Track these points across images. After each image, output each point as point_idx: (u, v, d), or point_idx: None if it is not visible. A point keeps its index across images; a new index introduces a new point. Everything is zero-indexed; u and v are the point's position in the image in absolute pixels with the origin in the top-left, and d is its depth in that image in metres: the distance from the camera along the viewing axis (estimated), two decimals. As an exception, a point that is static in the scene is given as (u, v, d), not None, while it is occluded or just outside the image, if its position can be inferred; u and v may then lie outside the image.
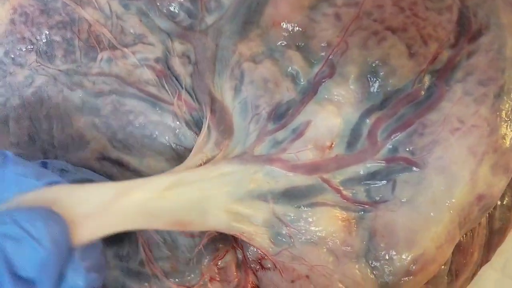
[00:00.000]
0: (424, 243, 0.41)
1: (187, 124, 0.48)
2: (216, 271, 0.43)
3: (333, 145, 0.44)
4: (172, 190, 0.38)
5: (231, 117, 0.46)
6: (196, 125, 0.48)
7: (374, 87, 0.45)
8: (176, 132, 0.47)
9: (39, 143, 0.46)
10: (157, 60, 0.49)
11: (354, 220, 0.43)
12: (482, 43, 0.44)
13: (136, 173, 0.46)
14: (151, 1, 0.50)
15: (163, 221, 0.37)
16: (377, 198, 0.43)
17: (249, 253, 0.44)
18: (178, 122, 0.47)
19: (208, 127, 0.46)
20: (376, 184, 0.43)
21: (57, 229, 0.32)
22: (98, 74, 0.48)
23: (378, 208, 0.43)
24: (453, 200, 0.41)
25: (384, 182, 0.43)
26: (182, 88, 0.49)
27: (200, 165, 0.43)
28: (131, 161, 0.46)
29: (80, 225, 0.33)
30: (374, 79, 0.44)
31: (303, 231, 0.43)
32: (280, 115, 0.46)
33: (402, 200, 0.42)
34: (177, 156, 0.47)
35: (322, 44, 0.45)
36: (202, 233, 0.45)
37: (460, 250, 0.45)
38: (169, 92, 0.48)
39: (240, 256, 0.45)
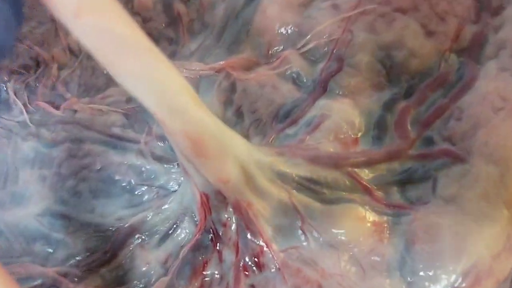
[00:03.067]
0: (476, 251, 0.34)
1: (154, 158, 0.42)
2: None
3: (357, 140, 0.39)
4: (204, 109, 0.32)
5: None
6: (164, 158, 0.42)
7: (393, 73, 0.41)
8: (142, 169, 0.42)
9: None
10: (128, 100, 0.44)
11: (386, 225, 0.36)
12: (507, 15, 0.40)
13: (84, 225, 0.40)
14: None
15: (182, 121, 0.31)
16: (415, 200, 0.37)
17: (244, 247, 0.35)
18: (144, 159, 0.42)
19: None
20: (413, 183, 0.37)
21: None
22: (58, 123, 0.44)
23: (417, 210, 0.36)
24: (510, 192, 0.35)
25: (422, 180, 0.37)
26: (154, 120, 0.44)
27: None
28: (80, 213, 0.41)
29: None
30: (390, 63, 0.41)
31: (323, 230, 0.35)
32: (286, 113, 0.41)
33: (446, 199, 0.36)
34: (133, 201, 0.41)
35: (323, 39, 0.42)
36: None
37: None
38: (136, 131, 0.43)
39: (226, 259, 0.36)
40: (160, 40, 0.46)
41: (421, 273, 0.34)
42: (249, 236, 0.35)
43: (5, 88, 0.44)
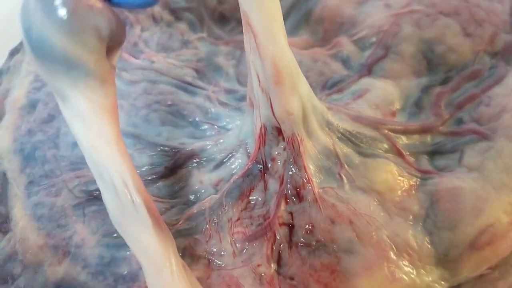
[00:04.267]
0: (495, 214, 0.35)
1: (220, 103, 0.45)
2: (239, 213, 0.37)
3: (395, 113, 0.42)
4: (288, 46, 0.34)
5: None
6: (228, 104, 0.45)
7: (433, 64, 0.44)
8: (208, 110, 0.44)
9: (55, 123, 0.45)
10: (199, 60, 0.48)
11: (414, 184, 0.38)
12: None
13: (151, 144, 0.43)
14: (203, 11, 0.52)
15: (277, 48, 0.33)
16: (442, 167, 0.39)
17: (288, 179, 0.37)
18: (210, 103, 0.45)
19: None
20: (441, 154, 0.39)
21: None
22: (137, 68, 0.47)
23: (442, 176, 0.37)
24: None
25: (450, 152, 0.39)
26: (222, 77, 0.47)
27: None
28: (148, 135, 0.43)
29: None
30: (431, 56, 0.44)
31: (358, 177, 0.37)
32: (333, 84, 0.44)
33: (470, 168, 0.38)
34: (196, 134, 0.44)
35: (373, 30, 0.45)
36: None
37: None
38: (205, 83, 0.47)
39: (270, 188, 0.38)
40: (231, 20, 0.51)
41: (442, 228, 0.36)
42: (294, 170, 0.37)
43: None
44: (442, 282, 0.35)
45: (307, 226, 0.36)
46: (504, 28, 0.45)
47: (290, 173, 0.37)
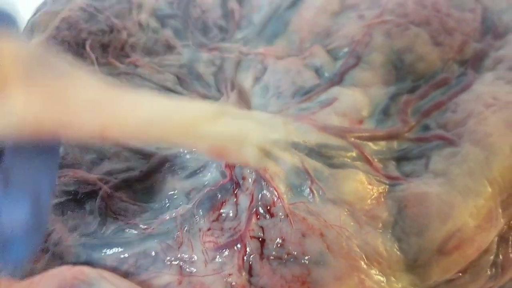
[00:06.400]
0: (461, 218, 0.35)
1: None
2: (210, 223, 0.38)
3: (363, 121, 0.42)
4: (220, 119, 0.35)
5: (249, 96, 0.46)
6: None
7: (402, 73, 0.44)
8: None
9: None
10: (181, 66, 0.49)
11: (383, 191, 0.38)
12: (509, 39, 0.44)
13: (126, 148, 0.44)
14: (187, 19, 0.52)
15: (205, 143, 0.35)
16: (409, 173, 0.39)
17: (258, 197, 0.38)
18: None
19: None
20: (408, 159, 0.39)
21: None
22: (122, 73, 0.48)
23: (410, 182, 0.37)
24: (493, 173, 0.37)
25: (417, 158, 0.39)
26: (201, 85, 0.48)
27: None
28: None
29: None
30: (401, 65, 0.44)
31: (328, 189, 0.37)
32: (304, 93, 0.44)
33: (436, 173, 0.38)
34: None
35: (346, 40, 0.46)
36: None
37: (508, 242, 0.38)
38: (184, 88, 0.48)
39: (241, 204, 0.39)
40: (213, 28, 0.52)
41: (410, 234, 0.36)
42: (264, 191, 0.38)
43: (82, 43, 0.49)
44: (412, 288, 0.34)
45: (278, 240, 0.36)
46: (474, 36, 0.45)
47: (260, 192, 0.38)
